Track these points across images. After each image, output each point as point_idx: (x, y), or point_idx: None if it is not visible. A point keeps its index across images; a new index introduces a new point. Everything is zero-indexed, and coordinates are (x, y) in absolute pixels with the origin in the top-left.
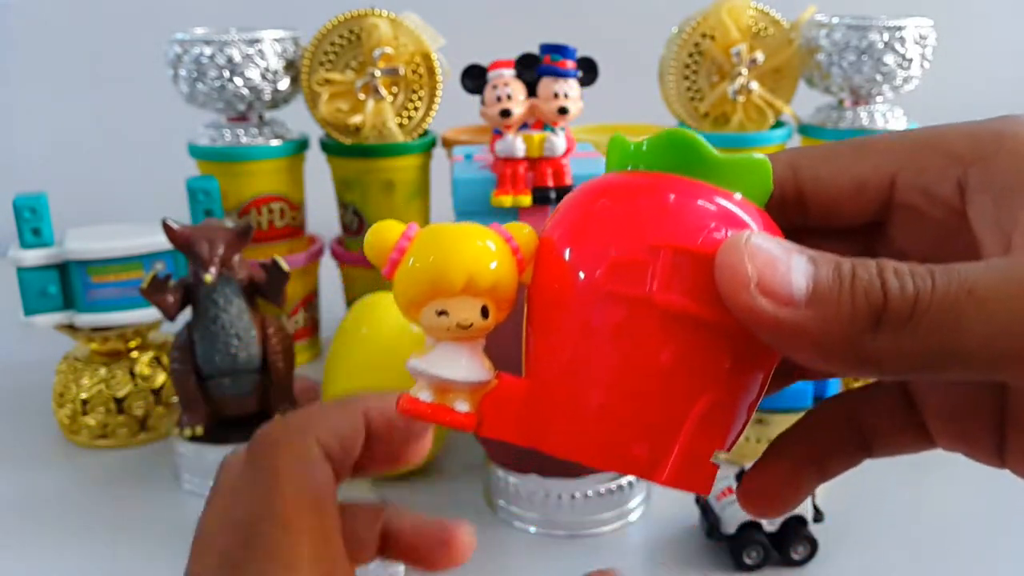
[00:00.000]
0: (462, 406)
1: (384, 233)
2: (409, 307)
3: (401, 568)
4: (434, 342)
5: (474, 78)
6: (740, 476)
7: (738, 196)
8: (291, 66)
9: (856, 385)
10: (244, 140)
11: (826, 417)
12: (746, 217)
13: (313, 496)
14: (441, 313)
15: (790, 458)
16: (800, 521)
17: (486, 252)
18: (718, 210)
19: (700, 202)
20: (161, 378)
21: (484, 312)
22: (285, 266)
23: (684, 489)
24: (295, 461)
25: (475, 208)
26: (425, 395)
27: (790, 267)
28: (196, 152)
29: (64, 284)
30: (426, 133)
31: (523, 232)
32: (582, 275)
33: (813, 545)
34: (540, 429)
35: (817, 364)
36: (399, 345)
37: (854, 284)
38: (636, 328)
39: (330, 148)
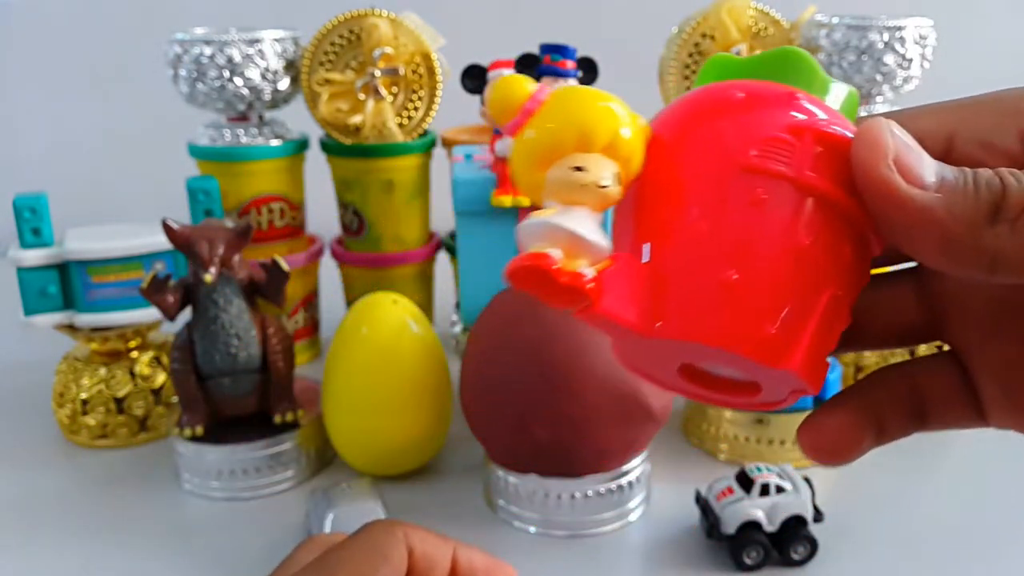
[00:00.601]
0: (587, 270)
1: (515, 85)
2: (542, 161)
3: None
4: (556, 205)
5: (474, 78)
6: (739, 476)
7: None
8: (291, 66)
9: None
10: (244, 140)
11: (886, 380)
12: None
13: None
14: (578, 169)
15: (849, 411)
16: (800, 521)
17: (629, 115)
18: (840, 117)
19: (827, 106)
20: (161, 378)
21: (619, 180)
22: (285, 266)
23: (808, 381)
24: (370, 548)
25: (475, 208)
26: (555, 252)
27: (922, 155)
28: (196, 152)
29: (64, 284)
30: (426, 133)
31: (639, 121)
32: (719, 154)
33: (813, 545)
34: (661, 311)
35: (933, 253)
36: (399, 345)
37: (977, 178)
38: (776, 206)
39: (330, 148)
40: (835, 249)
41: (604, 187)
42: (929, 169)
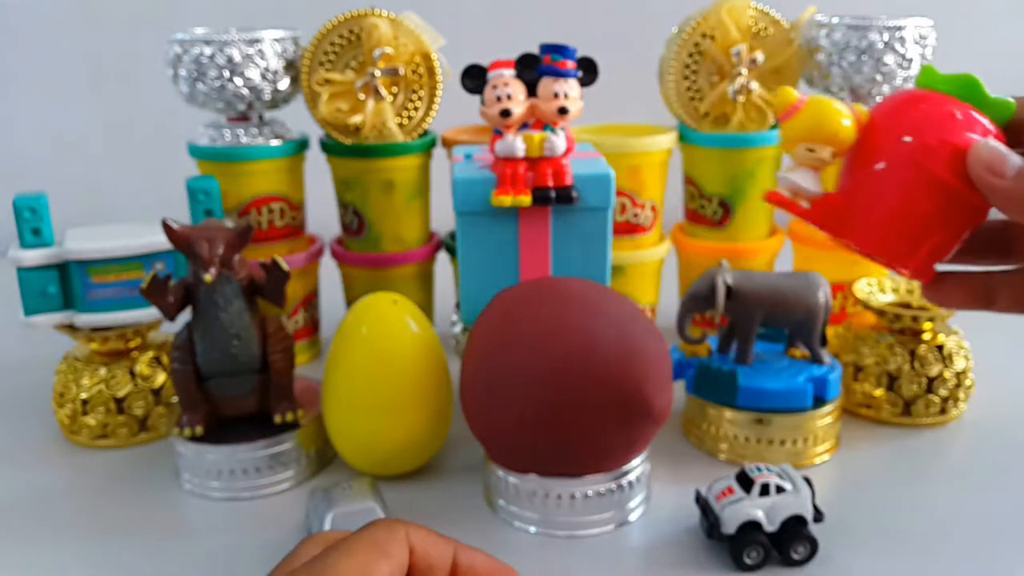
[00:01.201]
0: (804, 204)
1: (788, 93)
2: (793, 141)
3: None
4: (795, 166)
5: (474, 78)
6: (739, 476)
7: (986, 119)
8: (291, 66)
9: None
10: (244, 140)
11: (1009, 275)
12: (993, 130)
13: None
14: (810, 149)
15: (965, 284)
16: (800, 521)
17: (853, 112)
18: (981, 125)
19: (973, 117)
20: (161, 378)
21: (832, 155)
22: (285, 266)
23: (918, 277)
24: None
25: (475, 208)
26: (786, 193)
27: (1007, 158)
28: (196, 152)
29: (64, 284)
30: (426, 133)
31: (862, 110)
32: (897, 142)
33: (813, 545)
34: (843, 226)
35: (1018, 217)
36: (399, 345)
37: None
38: (918, 185)
39: (330, 148)
40: (947, 212)
41: (822, 159)
42: (1012, 164)
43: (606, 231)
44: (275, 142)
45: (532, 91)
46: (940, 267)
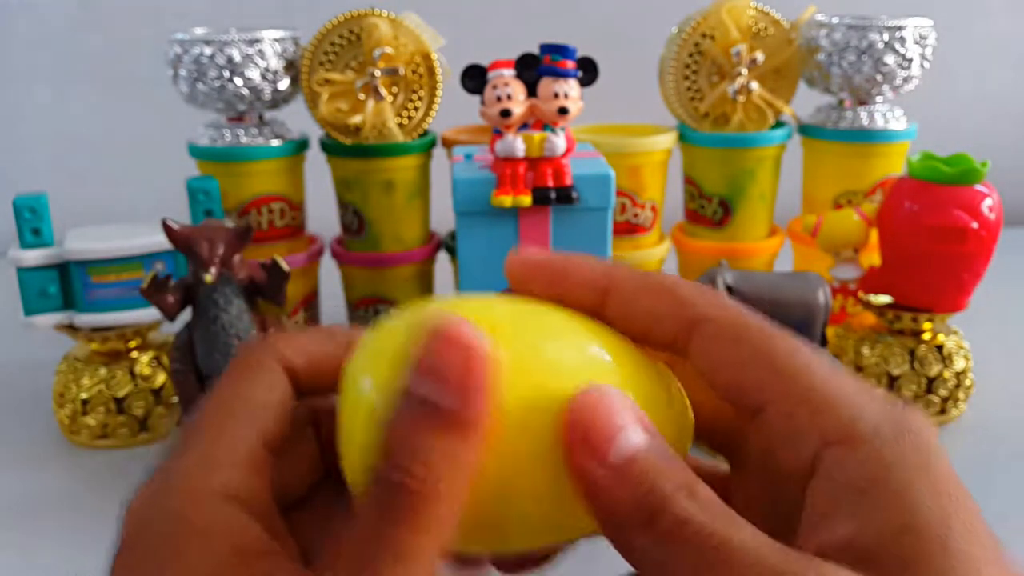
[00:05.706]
0: (852, 285)
1: (808, 219)
2: (825, 250)
3: None
4: (836, 264)
5: (474, 78)
6: None
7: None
8: (291, 66)
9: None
10: (244, 140)
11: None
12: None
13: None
14: (837, 255)
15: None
16: None
17: (870, 217)
18: (961, 200)
19: (943, 195)
20: (161, 378)
21: (855, 251)
22: (285, 266)
23: (942, 311)
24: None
25: (475, 208)
26: (837, 284)
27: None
28: (196, 152)
29: (64, 284)
30: (426, 133)
31: (870, 208)
32: (904, 228)
33: None
34: (885, 286)
35: None
36: None
37: None
38: (921, 257)
39: (330, 148)
40: (952, 270)
41: (851, 258)
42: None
43: (606, 231)
44: (275, 142)
45: (532, 91)
46: None
